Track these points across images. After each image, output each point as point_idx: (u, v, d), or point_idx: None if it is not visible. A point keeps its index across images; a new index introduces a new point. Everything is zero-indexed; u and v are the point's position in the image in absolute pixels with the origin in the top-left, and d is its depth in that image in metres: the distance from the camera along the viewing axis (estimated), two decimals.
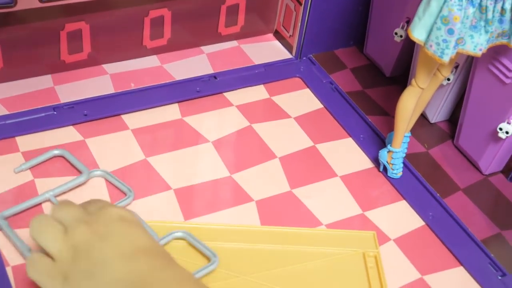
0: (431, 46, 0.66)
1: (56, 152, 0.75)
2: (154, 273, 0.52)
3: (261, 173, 0.78)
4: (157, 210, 0.72)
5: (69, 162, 0.75)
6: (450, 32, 0.64)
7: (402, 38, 0.85)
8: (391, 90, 0.91)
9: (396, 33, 0.86)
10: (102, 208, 0.58)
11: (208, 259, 0.66)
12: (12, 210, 0.69)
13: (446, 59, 0.66)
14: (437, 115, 0.87)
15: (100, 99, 0.84)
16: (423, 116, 0.88)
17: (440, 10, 0.64)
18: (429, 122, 0.88)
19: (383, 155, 0.78)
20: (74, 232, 0.55)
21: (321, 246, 0.70)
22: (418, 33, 0.67)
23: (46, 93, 0.84)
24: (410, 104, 0.73)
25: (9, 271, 0.64)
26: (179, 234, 0.68)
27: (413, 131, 0.84)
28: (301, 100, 0.89)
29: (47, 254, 0.56)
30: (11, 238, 0.66)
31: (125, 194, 0.73)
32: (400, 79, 0.93)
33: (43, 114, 0.81)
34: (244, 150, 0.81)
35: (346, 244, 0.71)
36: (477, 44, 0.67)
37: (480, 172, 0.82)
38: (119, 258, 0.53)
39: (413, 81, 0.72)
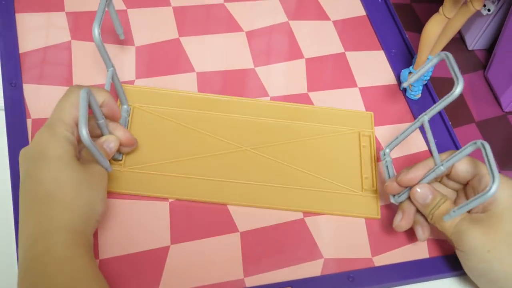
0: None
1: None
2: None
3: (284, 71, 0.81)
4: (177, 88, 0.77)
5: None
6: None
7: None
8: (438, 8, 0.90)
9: None
10: None
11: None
12: None
13: None
14: (476, 43, 0.86)
15: None
16: (462, 41, 0.87)
17: None
18: (466, 48, 0.87)
19: (405, 75, 0.79)
20: None
21: (321, 123, 0.76)
22: None
23: None
24: (434, 30, 0.73)
25: None
26: None
27: None
28: (346, 4, 0.90)
29: None
30: None
31: None
32: None
33: None
34: (274, 45, 0.83)
35: (344, 122, 0.76)
36: None
37: (501, 108, 0.82)
38: None
39: (440, 9, 0.72)
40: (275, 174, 0.71)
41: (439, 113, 0.79)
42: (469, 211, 0.62)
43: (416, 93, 0.79)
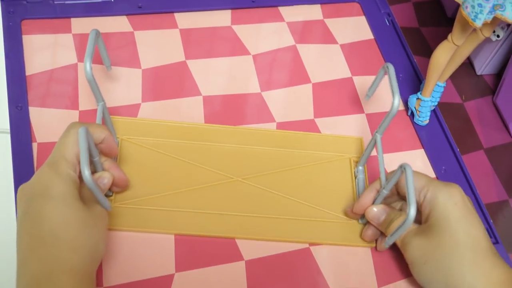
0: (466, 7, 0.65)
1: None
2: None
3: (291, 95, 0.80)
4: (183, 112, 0.76)
5: None
6: None
7: None
8: (447, 32, 0.89)
9: None
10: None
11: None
12: None
13: (478, 23, 0.65)
14: (484, 68, 0.86)
15: None
16: (470, 66, 0.87)
17: None
18: (475, 73, 0.87)
19: (412, 101, 0.79)
20: None
21: (311, 150, 0.75)
22: None
23: None
24: (442, 57, 0.73)
25: None
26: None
27: (455, 80, 0.84)
28: (353, 27, 0.89)
29: None
30: None
31: None
32: None
33: (100, 0, 0.85)
34: (281, 69, 0.83)
35: (335, 148, 0.76)
36: None
37: (510, 134, 0.81)
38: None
39: (449, 36, 0.71)
40: (266, 204, 0.70)
41: (447, 139, 0.78)
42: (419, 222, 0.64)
43: (424, 119, 0.79)
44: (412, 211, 0.57)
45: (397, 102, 0.64)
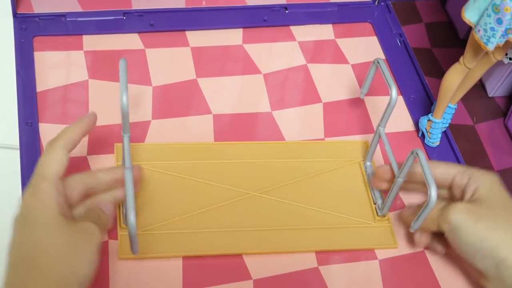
0: (479, 30, 0.65)
1: None
2: None
3: (302, 115, 0.80)
4: (193, 130, 0.76)
5: None
6: (499, 21, 0.63)
7: None
8: (459, 54, 0.88)
9: None
10: None
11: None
12: None
13: (490, 47, 0.64)
14: (496, 90, 0.85)
15: (169, 12, 0.87)
16: (482, 87, 0.86)
17: None
18: (487, 95, 0.86)
19: (423, 122, 0.78)
20: None
21: (321, 158, 0.76)
22: (470, 14, 0.65)
23: None
24: (454, 80, 0.72)
25: None
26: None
27: (467, 101, 0.83)
28: (365, 47, 0.89)
29: None
30: None
31: None
32: None
33: (112, 18, 0.85)
34: (292, 88, 0.83)
35: (344, 154, 0.76)
36: None
37: None
38: None
39: (460, 59, 0.71)
40: (285, 216, 0.70)
41: (458, 162, 0.78)
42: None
43: (434, 141, 0.78)
44: (433, 193, 0.59)
45: (395, 93, 0.67)
